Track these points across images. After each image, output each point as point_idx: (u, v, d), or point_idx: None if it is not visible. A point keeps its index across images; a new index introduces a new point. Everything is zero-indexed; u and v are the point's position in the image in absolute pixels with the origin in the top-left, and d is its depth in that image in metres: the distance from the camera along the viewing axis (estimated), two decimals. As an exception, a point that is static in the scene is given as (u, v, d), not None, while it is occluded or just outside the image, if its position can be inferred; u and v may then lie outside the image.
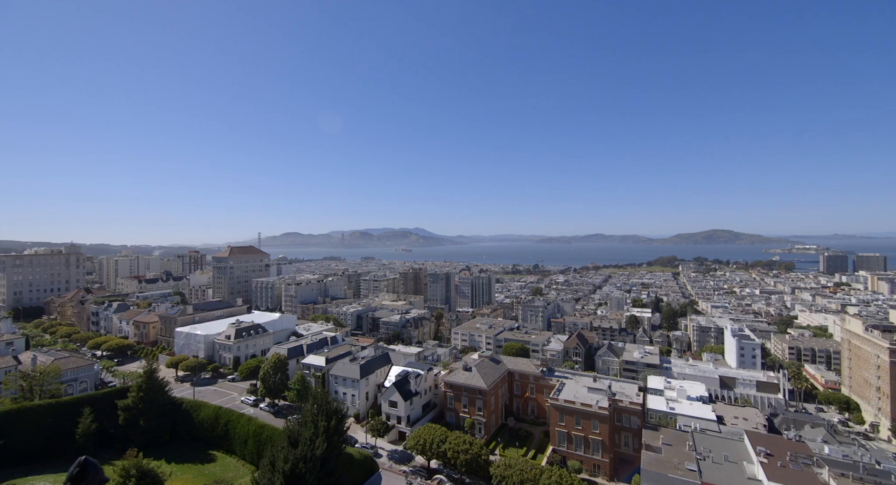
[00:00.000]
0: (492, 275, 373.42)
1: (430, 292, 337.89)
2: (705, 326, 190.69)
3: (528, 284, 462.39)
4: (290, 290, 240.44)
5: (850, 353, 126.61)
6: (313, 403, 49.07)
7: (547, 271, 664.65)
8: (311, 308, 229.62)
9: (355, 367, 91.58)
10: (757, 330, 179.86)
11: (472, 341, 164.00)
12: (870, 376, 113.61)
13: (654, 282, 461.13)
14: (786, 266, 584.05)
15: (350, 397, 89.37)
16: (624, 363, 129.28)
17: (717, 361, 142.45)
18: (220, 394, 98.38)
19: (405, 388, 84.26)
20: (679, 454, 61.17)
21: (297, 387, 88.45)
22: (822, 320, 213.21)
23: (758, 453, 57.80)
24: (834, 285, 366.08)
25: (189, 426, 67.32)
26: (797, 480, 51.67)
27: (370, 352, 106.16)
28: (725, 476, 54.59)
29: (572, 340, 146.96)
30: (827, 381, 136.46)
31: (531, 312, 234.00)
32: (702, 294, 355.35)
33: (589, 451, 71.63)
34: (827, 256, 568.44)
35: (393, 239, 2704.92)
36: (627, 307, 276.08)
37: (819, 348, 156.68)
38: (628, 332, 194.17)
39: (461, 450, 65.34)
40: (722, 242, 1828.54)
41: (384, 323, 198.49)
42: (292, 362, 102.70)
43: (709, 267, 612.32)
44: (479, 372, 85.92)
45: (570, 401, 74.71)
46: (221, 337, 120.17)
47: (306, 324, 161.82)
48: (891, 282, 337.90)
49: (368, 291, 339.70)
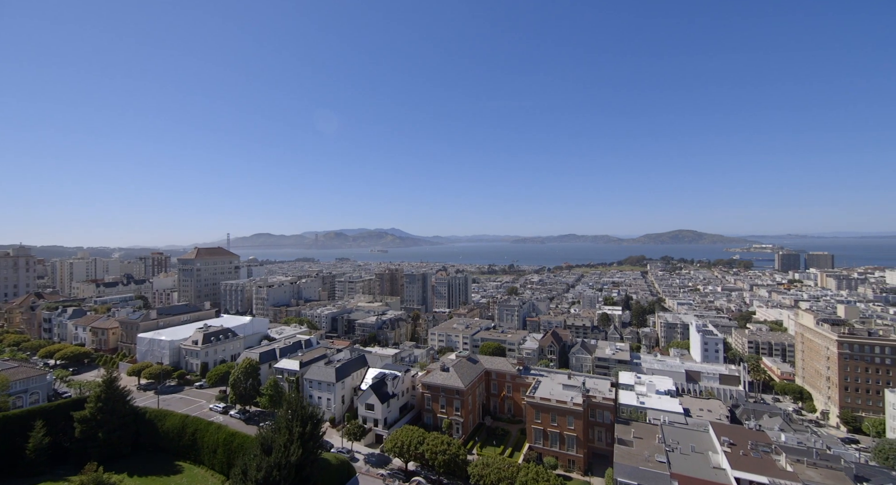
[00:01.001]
0: (468, 275, 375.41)
1: (407, 293, 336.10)
2: (672, 323, 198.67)
3: (503, 284, 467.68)
4: (262, 292, 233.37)
5: (803, 346, 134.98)
6: (287, 408, 47.82)
7: (522, 271, 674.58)
8: (284, 311, 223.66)
9: (330, 370, 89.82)
10: (719, 326, 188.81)
11: (450, 342, 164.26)
12: (820, 367, 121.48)
13: (624, 281, 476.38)
14: (745, 264, 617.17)
15: (325, 401, 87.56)
16: (596, 360, 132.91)
17: (683, 356, 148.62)
18: (187, 402, 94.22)
19: (382, 390, 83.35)
20: (649, 447, 63.38)
21: (269, 392, 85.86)
22: (777, 315, 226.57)
23: (721, 442, 60.68)
24: (788, 282, 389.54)
25: (153, 437, 64.09)
26: (757, 467, 54.56)
27: (346, 355, 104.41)
28: (693, 466, 56.99)
29: (547, 339, 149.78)
30: (783, 372, 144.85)
31: (507, 312, 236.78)
32: (668, 292, 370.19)
33: (564, 447, 73.08)
34: (781, 255, 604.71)
35: (368, 240, 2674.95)
36: (599, 305, 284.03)
37: (775, 342, 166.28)
38: (600, 329, 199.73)
39: (439, 451, 65.25)
40: (687, 241, 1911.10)
41: (360, 325, 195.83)
42: (264, 367, 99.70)
43: (675, 266, 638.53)
44: (457, 372, 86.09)
45: (545, 398, 76.00)
46: (188, 342, 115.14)
47: (279, 327, 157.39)
48: (837, 278, 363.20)
49: (344, 293, 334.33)
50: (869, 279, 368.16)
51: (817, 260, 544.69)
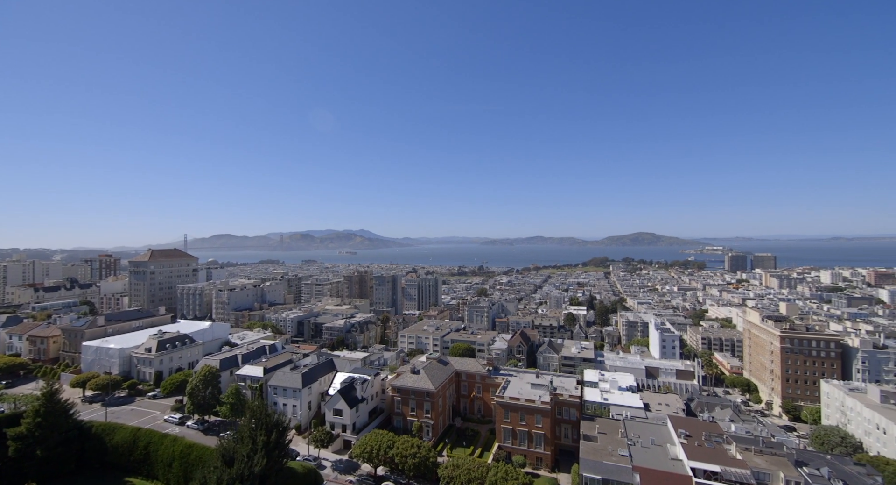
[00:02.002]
0: (438, 277, 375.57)
1: (376, 296, 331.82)
2: (633, 322, 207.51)
3: (473, 286, 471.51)
4: (223, 296, 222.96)
5: (750, 341, 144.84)
6: (251, 416, 45.87)
7: (491, 272, 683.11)
8: (247, 315, 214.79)
9: (297, 376, 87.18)
10: (676, 324, 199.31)
11: (420, 344, 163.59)
12: (765, 361, 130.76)
13: (588, 281, 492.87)
14: (698, 265, 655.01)
15: (291, 407, 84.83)
16: (563, 359, 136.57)
17: (643, 353, 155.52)
18: (139, 413, 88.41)
19: (351, 395, 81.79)
20: (613, 441, 65.81)
21: (230, 401, 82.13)
22: (727, 313, 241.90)
23: (679, 435, 63.95)
24: (736, 282, 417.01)
25: (101, 452, 59.57)
26: (711, 456, 57.91)
27: (313, 359, 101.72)
28: (653, 458, 59.67)
29: (515, 339, 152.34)
30: (732, 367, 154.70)
31: (476, 313, 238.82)
32: (629, 292, 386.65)
33: (532, 445, 74.50)
34: (731, 257, 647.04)
35: (337, 241, 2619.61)
36: (565, 306, 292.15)
37: (725, 338, 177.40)
38: (566, 329, 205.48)
39: (409, 454, 64.78)
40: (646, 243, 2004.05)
41: (328, 328, 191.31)
42: (225, 374, 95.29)
43: (635, 267, 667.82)
44: (427, 374, 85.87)
45: (514, 398, 77.21)
46: (140, 350, 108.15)
47: (241, 332, 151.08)
48: (779, 278, 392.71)
49: (310, 296, 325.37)
50: (806, 279, 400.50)
51: (762, 261, 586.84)
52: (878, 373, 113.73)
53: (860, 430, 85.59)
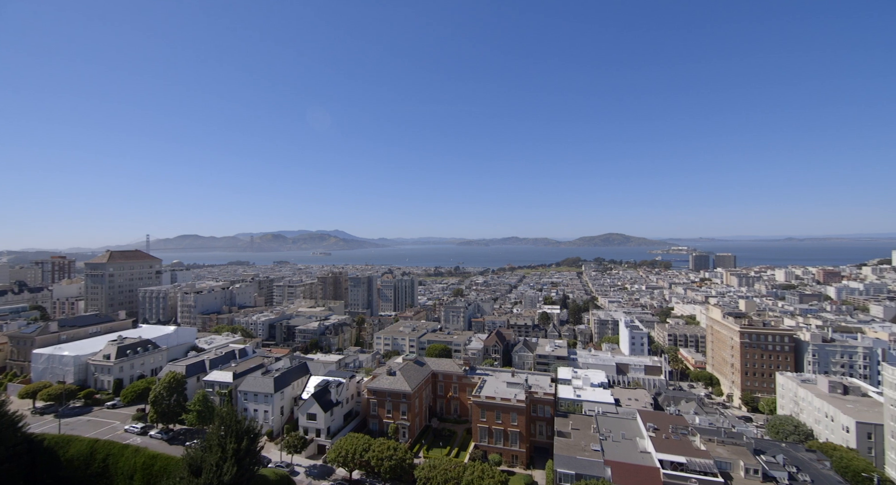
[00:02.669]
0: (414, 278, 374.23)
1: (352, 297, 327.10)
2: (604, 320, 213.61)
3: (449, 286, 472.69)
4: (189, 299, 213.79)
5: (712, 336, 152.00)
6: (220, 423, 44.23)
7: (467, 273, 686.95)
8: (215, 319, 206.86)
9: (268, 380, 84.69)
10: (644, 321, 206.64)
11: (396, 345, 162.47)
12: (726, 355, 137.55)
13: (562, 281, 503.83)
14: (665, 265, 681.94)
15: (263, 413, 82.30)
16: (537, 357, 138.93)
17: (613, 350, 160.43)
18: (97, 424, 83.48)
19: (325, 398, 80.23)
20: (585, 437, 67.54)
21: (197, 408, 78.86)
22: (692, 310, 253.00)
23: (647, 428, 66.35)
24: (700, 281, 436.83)
25: (54, 467, 55.84)
26: (677, 448, 60.39)
27: (285, 363, 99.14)
28: (623, 452, 61.64)
29: (491, 339, 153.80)
30: (696, 361, 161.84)
31: (453, 313, 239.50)
32: (601, 291, 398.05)
33: (508, 443, 75.39)
34: (694, 257, 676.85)
35: (310, 242, 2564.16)
36: (540, 305, 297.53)
37: (690, 334, 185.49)
38: (540, 327, 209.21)
39: (385, 457, 64.17)
40: (616, 244, 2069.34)
41: (301, 331, 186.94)
42: (192, 381, 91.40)
43: (606, 267, 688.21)
44: (404, 375, 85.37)
45: (490, 397, 77.92)
46: (98, 357, 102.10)
47: (209, 337, 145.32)
48: (739, 277, 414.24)
49: (282, 298, 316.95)
50: (763, 277, 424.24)
51: (723, 261, 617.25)
52: (826, 365, 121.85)
53: (811, 418, 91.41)
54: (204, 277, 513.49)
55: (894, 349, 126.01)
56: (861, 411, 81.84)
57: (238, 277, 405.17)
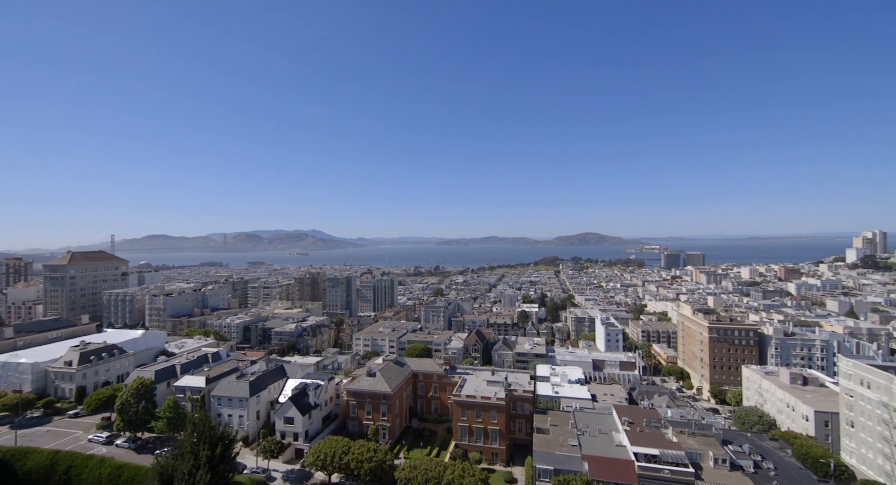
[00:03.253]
0: (394, 278, 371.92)
1: (330, 298, 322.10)
2: (581, 317, 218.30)
3: (429, 286, 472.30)
4: (158, 302, 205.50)
5: (683, 332, 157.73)
6: (192, 430, 42.69)
7: (447, 272, 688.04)
8: (186, 322, 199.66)
9: (243, 384, 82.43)
10: (619, 318, 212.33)
11: (376, 346, 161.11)
12: (696, 350, 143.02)
13: (540, 280, 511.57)
14: (638, 263, 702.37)
15: (237, 418, 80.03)
16: (516, 355, 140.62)
17: (590, 346, 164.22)
18: (58, 435, 79.15)
19: (303, 401, 78.78)
20: (564, 432, 68.89)
21: (167, 415, 76.05)
22: (663, 307, 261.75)
23: (623, 422, 68.27)
24: (671, 278, 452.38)
25: (10, 481, 52.59)
26: (650, 441, 62.38)
27: (261, 366, 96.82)
28: (600, 446, 63.23)
29: (471, 338, 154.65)
30: (668, 356, 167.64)
31: (433, 313, 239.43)
32: (577, 289, 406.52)
33: (488, 441, 76.02)
34: (666, 255, 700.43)
35: (286, 242, 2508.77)
36: (519, 304, 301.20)
37: (662, 330, 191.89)
38: (520, 326, 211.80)
39: (365, 458, 63.59)
40: (592, 243, 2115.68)
41: (277, 333, 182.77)
42: (161, 386, 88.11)
43: (582, 265, 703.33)
44: (384, 376, 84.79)
45: (471, 396, 78.38)
46: (59, 364, 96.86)
47: (180, 340, 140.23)
48: (707, 274, 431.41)
49: (258, 300, 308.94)
50: (729, 274, 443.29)
51: (693, 259, 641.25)
52: (787, 357, 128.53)
53: (774, 409, 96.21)
54: (174, 278, 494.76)
55: (848, 342, 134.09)
56: (819, 401, 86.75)
57: (210, 279, 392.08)
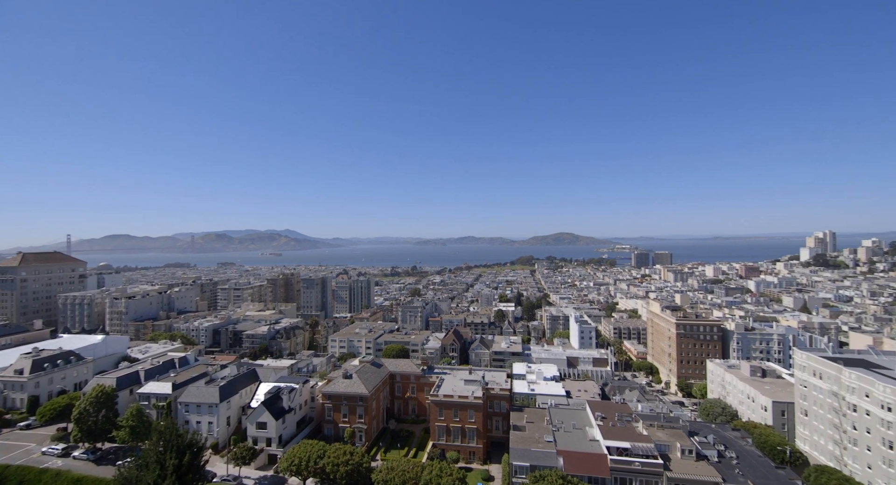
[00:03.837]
0: (371, 278, 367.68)
1: (304, 299, 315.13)
2: (556, 316, 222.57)
3: (406, 286, 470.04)
4: (119, 305, 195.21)
5: (652, 328, 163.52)
6: (158, 438, 41.04)
7: (425, 272, 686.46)
8: (151, 326, 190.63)
9: (213, 389, 79.51)
10: (592, 316, 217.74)
11: (352, 347, 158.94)
12: (664, 346, 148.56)
13: (516, 279, 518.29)
14: (610, 262, 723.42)
15: (207, 425, 77.14)
16: (493, 354, 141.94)
17: (564, 344, 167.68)
18: (7, 448, 73.82)
19: (277, 405, 76.80)
20: (539, 429, 70.06)
21: (130, 423, 72.38)
22: (634, 305, 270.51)
23: (596, 417, 70.10)
24: (641, 277, 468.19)
25: (-49, 501, 48.88)
26: (622, 435, 64.35)
27: (232, 370, 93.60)
28: (574, 441, 64.72)
29: (449, 337, 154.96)
30: (638, 352, 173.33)
31: (410, 313, 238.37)
32: (552, 288, 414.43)
33: (465, 440, 76.41)
34: (636, 255, 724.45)
35: (258, 242, 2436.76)
36: (495, 303, 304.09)
37: (633, 327, 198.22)
38: (496, 325, 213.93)
39: (341, 462, 62.60)
40: (566, 243, 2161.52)
41: (249, 336, 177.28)
42: (123, 394, 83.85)
43: (557, 265, 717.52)
44: (360, 378, 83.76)
45: (448, 395, 78.54)
46: (9, 372, 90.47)
47: (144, 345, 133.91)
48: (675, 273, 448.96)
49: (228, 302, 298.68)
50: (695, 273, 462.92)
51: (661, 258, 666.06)
52: (748, 351, 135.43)
53: (736, 400, 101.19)
54: (137, 280, 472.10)
55: (802, 336, 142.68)
56: (776, 392, 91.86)
57: (177, 280, 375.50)
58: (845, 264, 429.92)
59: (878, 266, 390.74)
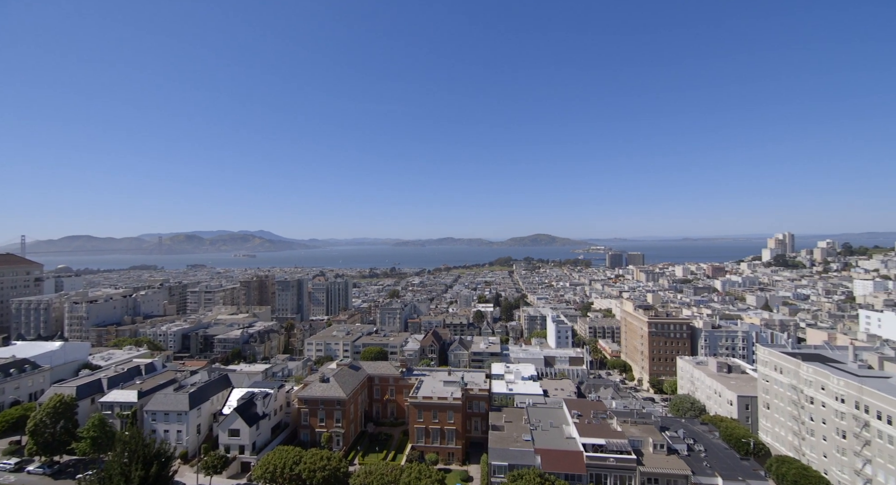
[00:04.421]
0: (349, 280, 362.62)
1: (279, 302, 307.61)
2: (533, 316, 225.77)
3: (385, 287, 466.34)
4: (79, 309, 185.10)
5: (626, 327, 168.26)
6: (122, 449, 39.13)
7: (404, 274, 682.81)
8: (114, 331, 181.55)
9: (182, 397, 76.50)
10: (568, 316, 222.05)
11: (329, 350, 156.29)
12: (637, 344, 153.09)
13: (494, 280, 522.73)
14: (586, 263, 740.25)
15: (175, 433, 74.12)
16: (472, 354, 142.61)
17: (542, 344, 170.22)
18: (-48, 466, 68.81)
19: (250, 411, 74.61)
20: (517, 428, 70.83)
21: (91, 434, 68.80)
22: (608, 304, 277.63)
23: (572, 415, 71.47)
24: (615, 277, 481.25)
25: None
26: (598, 432, 65.85)
27: (203, 376, 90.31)
28: (551, 439, 65.77)
29: (428, 339, 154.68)
30: (613, 351, 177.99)
31: (389, 315, 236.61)
32: (530, 288, 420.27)
33: (444, 441, 76.36)
34: (610, 255, 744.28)
35: (231, 243, 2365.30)
36: (474, 304, 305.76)
37: (607, 326, 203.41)
38: (475, 326, 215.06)
39: (318, 467, 61.38)
40: (544, 244, 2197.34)
41: (221, 341, 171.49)
42: (84, 403, 79.60)
43: (535, 266, 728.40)
44: (338, 381, 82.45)
45: (427, 397, 78.31)
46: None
47: (107, 352, 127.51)
48: (646, 273, 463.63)
49: (199, 306, 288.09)
50: (665, 273, 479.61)
51: (634, 259, 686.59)
52: (715, 348, 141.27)
53: (704, 395, 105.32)
54: (99, 283, 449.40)
55: (764, 332, 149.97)
56: (741, 386, 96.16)
57: (143, 283, 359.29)
58: (803, 264, 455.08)
59: (831, 266, 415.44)
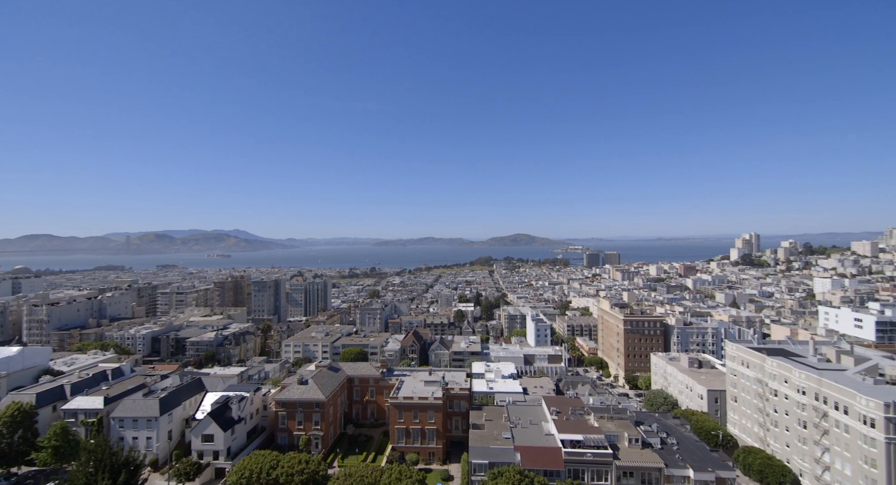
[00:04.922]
0: (328, 280, 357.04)
1: (255, 303, 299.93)
2: (513, 315, 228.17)
3: (365, 287, 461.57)
4: (39, 312, 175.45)
5: (602, 325, 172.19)
6: (87, 458, 37.37)
7: (384, 273, 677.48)
8: (78, 335, 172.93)
9: (152, 402, 73.65)
10: (547, 314, 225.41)
11: (307, 352, 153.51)
12: (613, 341, 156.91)
13: (475, 279, 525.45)
14: (564, 262, 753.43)
15: (145, 440, 71.29)
16: (453, 354, 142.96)
17: (522, 342, 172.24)
18: None
19: (225, 416, 72.50)
20: (498, 426, 71.46)
21: (53, 444, 65.42)
22: (586, 303, 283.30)
23: (551, 412, 72.68)
24: (592, 276, 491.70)
25: None
26: (575, 428, 67.22)
27: (174, 381, 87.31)
28: (531, 437, 66.67)
29: (408, 339, 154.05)
30: (590, 348, 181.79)
31: (369, 316, 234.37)
32: (510, 288, 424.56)
33: (425, 441, 76.30)
34: (588, 255, 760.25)
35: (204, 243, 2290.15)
36: (455, 303, 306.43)
37: (584, 324, 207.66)
38: (456, 325, 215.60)
39: (296, 471, 60.32)
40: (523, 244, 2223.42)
41: (193, 344, 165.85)
42: (45, 411, 75.53)
43: (514, 265, 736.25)
44: (316, 383, 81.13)
45: (408, 397, 78.04)
46: None
47: (70, 357, 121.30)
48: (622, 272, 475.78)
49: (170, 307, 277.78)
50: (640, 272, 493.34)
51: (610, 258, 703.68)
52: (686, 344, 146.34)
53: (676, 390, 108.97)
54: (61, 285, 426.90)
55: (732, 329, 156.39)
56: (711, 381, 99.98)
57: (110, 285, 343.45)
58: (767, 263, 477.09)
59: (794, 265, 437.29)
